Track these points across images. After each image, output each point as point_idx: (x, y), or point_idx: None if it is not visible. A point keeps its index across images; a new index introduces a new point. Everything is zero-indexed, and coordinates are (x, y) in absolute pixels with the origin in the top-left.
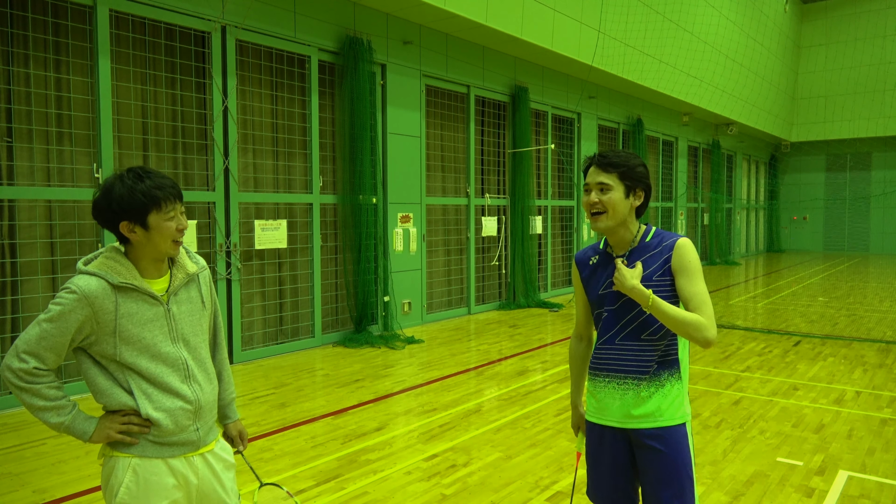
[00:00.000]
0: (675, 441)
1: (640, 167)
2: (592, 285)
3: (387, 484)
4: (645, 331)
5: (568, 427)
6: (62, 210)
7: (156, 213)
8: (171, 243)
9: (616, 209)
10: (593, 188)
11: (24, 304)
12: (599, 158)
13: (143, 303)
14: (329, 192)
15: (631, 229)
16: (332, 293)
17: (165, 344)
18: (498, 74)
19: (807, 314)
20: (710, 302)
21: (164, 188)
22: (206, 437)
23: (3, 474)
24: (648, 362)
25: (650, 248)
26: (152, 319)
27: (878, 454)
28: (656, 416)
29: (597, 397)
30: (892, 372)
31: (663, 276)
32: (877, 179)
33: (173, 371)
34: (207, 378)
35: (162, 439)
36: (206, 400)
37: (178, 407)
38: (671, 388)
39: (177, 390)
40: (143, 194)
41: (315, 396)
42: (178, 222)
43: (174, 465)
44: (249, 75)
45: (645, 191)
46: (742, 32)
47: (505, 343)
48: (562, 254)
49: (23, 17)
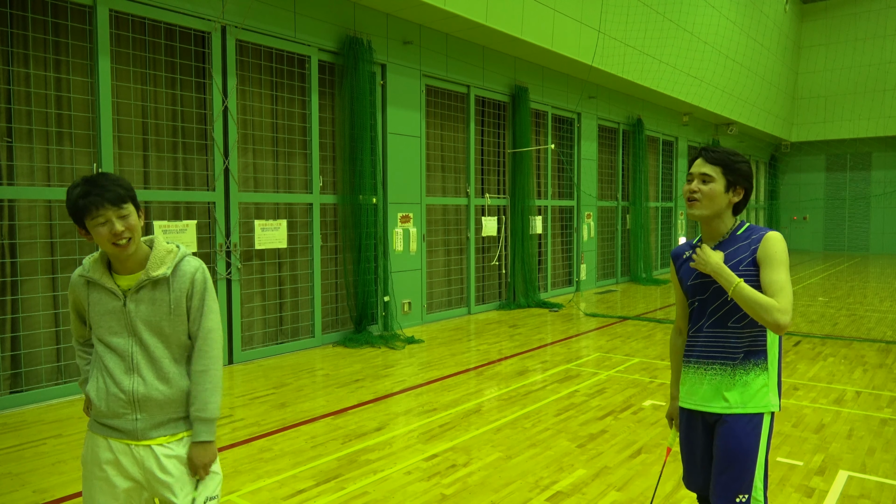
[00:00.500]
0: (747, 429)
1: (744, 165)
2: (686, 276)
3: (387, 484)
4: (731, 318)
5: (568, 427)
6: (62, 210)
7: (89, 220)
8: (109, 245)
9: (713, 200)
10: (696, 177)
11: (24, 304)
12: (707, 152)
13: (105, 295)
14: (329, 192)
15: (725, 222)
16: (332, 293)
17: (119, 335)
18: (498, 74)
19: (807, 314)
20: (789, 290)
21: (90, 195)
22: (149, 431)
23: (3, 474)
24: (735, 349)
25: (740, 240)
26: (110, 311)
27: (878, 454)
28: (737, 402)
29: (686, 383)
30: (892, 372)
31: (749, 266)
32: (877, 179)
33: (120, 360)
34: (159, 376)
35: (99, 419)
36: (146, 395)
37: (113, 393)
38: (756, 377)
39: (116, 378)
40: (73, 204)
41: (315, 396)
42: (111, 227)
43: (115, 445)
44: (249, 75)
45: (746, 189)
46: (742, 32)
47: (505, 343)
48: (562, 254)
49: (23, 17)
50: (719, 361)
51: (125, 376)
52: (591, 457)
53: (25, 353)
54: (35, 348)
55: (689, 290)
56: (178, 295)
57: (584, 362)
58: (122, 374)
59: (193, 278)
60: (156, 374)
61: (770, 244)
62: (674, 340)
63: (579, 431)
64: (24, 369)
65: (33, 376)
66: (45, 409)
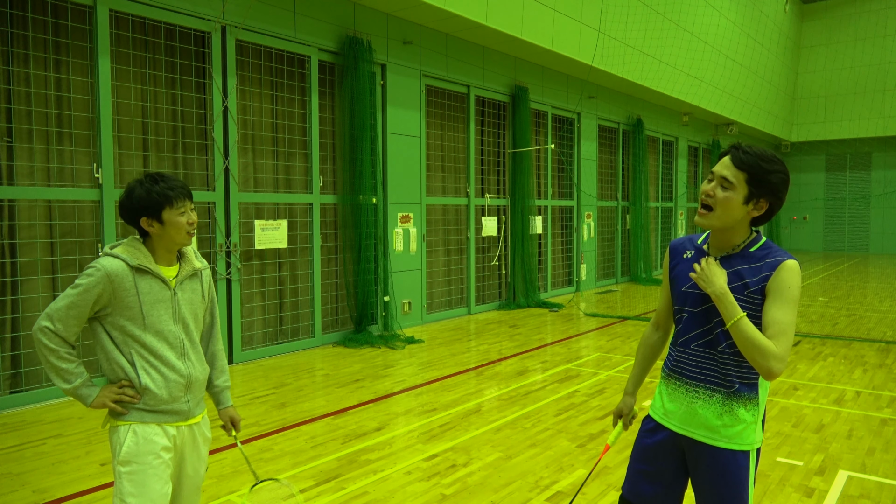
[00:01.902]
0: (735, 467)
1: (777, 174)
2: (679, 279)
3: (387, 484)
4: (722, 342)
5: (568, 427)
6: (62, 210)
7: (168, 210)
8: (184, 234)
9: (727, 211)
10: (715, 178)
11: (24, 304)
12: (737, 151)
13: (156, 284)
14: (329, 192)
15: (739, 234)
16: (332, 293)
17: (168, 323)
18: (498, 74)
19: (807, 314)
20: (791, 334)
21: (175, 189)
22: (194, 409)
23: (3, 474)
24: (726, 377)
25: (752, 259)
26: (161, 300)
27: (878, 454)
28: (722, 435)
29: (664, 397)
30: (892, 372)
31: (755, 293)
32: (877, 179)
33: (171, 348)
34: (199, 359)
35: (157, 407)
36: (195, 376)
37: (174, 379)
38: (744, 410)
39: (174, 364)
40: (157, 194)
41: (315, 396)
42: (188, 217)
43: (167, 430)
44: (249, 75)
45: (771, 203)
46: (742, 32)
47: (505, 343)
48: (562, 254)
49: (23, 17)
50: (706, 385)
51: (179, 361)
52: (591, 457)
53: (25, 353)
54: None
55: (681, 297)
56: (206, 284)
57: (584, 362)
58: (176, 360)
59: (209, 268)
60: (197, 357)
61: (784, 276)
62: (648, 335)
63: (579, 431)
64: (24, 369)
65: (33, 376)
66: (45, 409)
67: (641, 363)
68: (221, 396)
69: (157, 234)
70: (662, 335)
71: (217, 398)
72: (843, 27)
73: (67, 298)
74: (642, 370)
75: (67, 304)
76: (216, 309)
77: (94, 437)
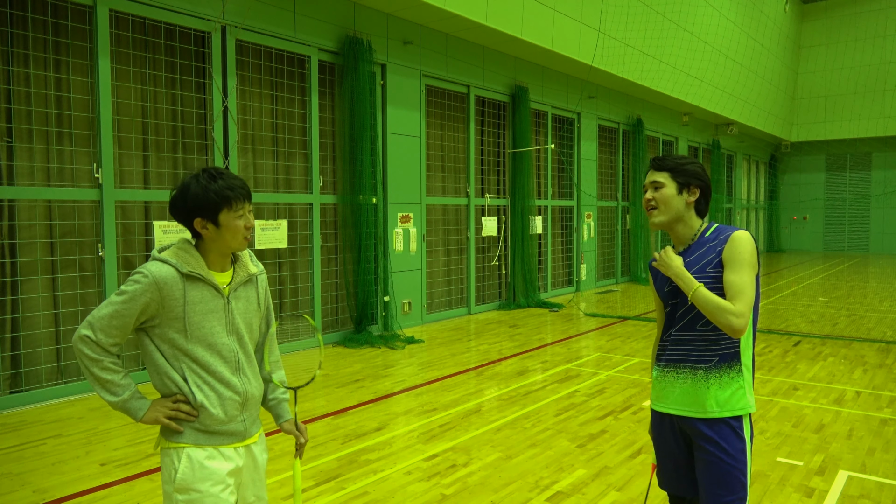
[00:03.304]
0: (727, 433)
1: (692, 165)
2: (660, 283)
3: (387, 484)
4: (698, 322)
5: (568, 427)
6: (62, 210)
7: (227, 212)
8: (241, 239)
9: (668, 204)
10: (648, 187)
11: (24, 304)
12: (653, 161)
13: (208, 293)
14: (329, 192)
15: (690, 225)
16: (332, 293)
17: (221, 335)
18: (498, 74)
19: (807, 314)
20: (749, 293)
21: (235, 189)
22: (251, 428)
23: (3, 474)
24: (707, 353)
25: (708, 241)
26: (213, 310)
27: (878, 454)
28: (712, 406)
29: (657, 386)
30: (892, 372)
31: (715, 267)
32: (877, 179)
33: (225, 362)
34: (254, 373)
35: (212, 428)
36: (252, 393)
37: (228, 397)
38: (730, 380)
39: (228, 381)
40: (215, 194)
41: (315, 396)
42: (246, 220)
43: (225, 452)
44: (249, 75)
45: (700, 188)
46: (742, 32)
47: (505, 343)
48: (562, 254)
49: (23, 17)
50: (690, 365)
51: (234, 377)
52: (591, 457)
53: (25, 353)
54: (35, 348)
55: (664, 297)
56: (263, 291)
57: (584, 362)
58: (231, 376)
59: (265, 273)
60: (252, 372)
61: (735, 244)
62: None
63: (579, 431)
64: (24, 369)
65: (33, 376)
66: (45, 409)
67: None
68: (280, 409)
69: (211, 237)
70: None
71: (276, 410)
72: (843, 27)
73: (111, 306)
74: None
75: (111, 312)
76: (272, 317)
77: (93, 437)
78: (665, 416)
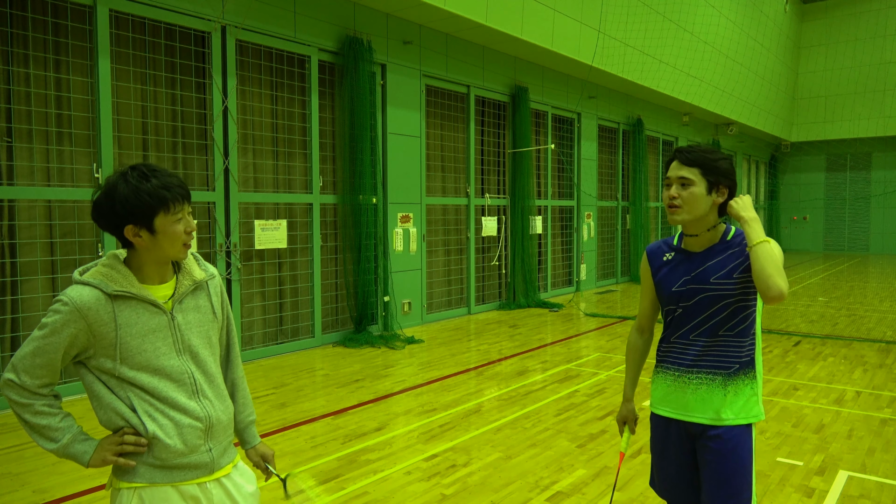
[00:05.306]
0: (736, 441)
1: (723, 161)
2: (666, 281)
3: (387, 484)
4: (723, 327)
5: (568, 427)
6: (62, 210)
7: (163, 216)
8: (180, 247)
9: (695, 205)
10: (674, 182)
11: (24, 304)
12: (682, 153)
13: (144, 311)
14: (329, 192)
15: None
16: (332, 293)
17: (169, 357)
18: (498, 74)
19: (807, 314)
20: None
21: (172, 188)
22: (220, 459)
23: (3, 474)
24: (726, 359)
25: (732, 245)
26: (154, 330)
27: (878, 454)
28: (727, 414)
29: (664, 390)
30: (892, 372)
31: (743, 272)
32: (877, 179)
33: (178, 386)
34: (218, 395)
35: (171, 462)
36: (217, 418)
37: (187, 424)
38: (744, 387)
39: (184, 407)
40: (149, 195)
41: (315, 396)
42: (186, 224)
43: (186, 490)
44: (249, 75)
45: (730, 188)
46: (742, 32)
47: (505, 343)
48: (562, 254)
49: (23, 17)
50: (707, 370)
51: (192, 402)
52: (591, 457)
53: None
54: None
55: (673, 296)
56: (217, 298)
57: (584, 362)
58: (188, 401)
59: (217, 276)
60: (215, 393)
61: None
62: (634, 340)
63: (579, 431)
64: None
65: None
66: None
67: (634, 368)
68: (246, 434)
69: (146, 246)
70: (648, 338)
71: (242, 436)
72: (843, 27)
73: (32, 343)
74: (636, 374)
75: (32, 350)
76: (233, 327)
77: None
78: (672, 422)
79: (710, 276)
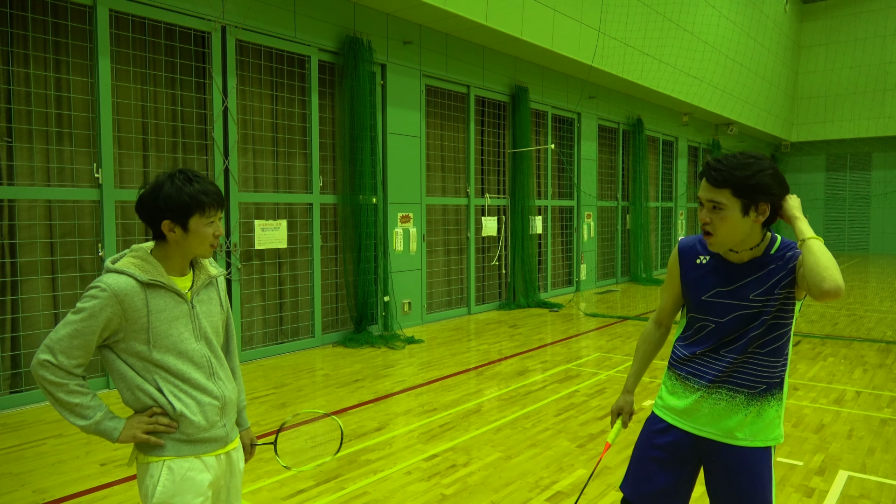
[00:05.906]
0: (758, 463)
1: (760, 175)
2: (696, 287)
3: (387, 484)
4: (753, 344)
5: (568, 427)
6: (62, 210)
7: (198, 217)
8: (207, 247)
9: (730, 231)
10: (705, 204)
11: (24, 304)
12: (709, 171)
13: (171, 300)
14: (329, 192)
15: (754, 239)
16: (332, 293)
17: (190, 341)
18: (498, 74)
19: (807, 314)
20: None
21: (210, 194)
22: (231, 433)
23: (3, 474)
24: (753, 378)
25: (776, 259)
26: (179, 317)
27: (878, 454)
28: (745, 434)
29: (677, 400)
30: (892, 372)
31: (787, 286)
32: (877, 179)
33: (198, 368)
34: (228, 377)
35: (194, 436)
36: (229, 397)
37: (208, 402)
38: (768, 408)
39: (204, 386)
40: (189, 196)
41: (315, 396)
42: (215, 228)
43: (208, 461)
44: (249, 75)
45: (771, 203)
46: (742, 32)
47: (505, 343)
48: (562, 254)
49: (23, 17)
50: (729, 387)
51: (210, 382)
52: (591, 457)
53: (25, 353)
54: (35, 348)
55: (702, 306)
56: (223, 293)
57: (584, 362)
58: (206, 381)
59: (224, 274)
60: (226, 375)
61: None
62: (650, 332)
63: (579, 431)
64: (24, 369)
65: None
66: (45, 409)
67: (642, 360)
68: (240, 417)
69: (177, 241)
70: (664, 332)
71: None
72: (843, 27)
73: (70, 326)
74: (643, 367)
75: (70, 332)
76: (231, 320)
77: (93, 437)
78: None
79: (749, 292)
